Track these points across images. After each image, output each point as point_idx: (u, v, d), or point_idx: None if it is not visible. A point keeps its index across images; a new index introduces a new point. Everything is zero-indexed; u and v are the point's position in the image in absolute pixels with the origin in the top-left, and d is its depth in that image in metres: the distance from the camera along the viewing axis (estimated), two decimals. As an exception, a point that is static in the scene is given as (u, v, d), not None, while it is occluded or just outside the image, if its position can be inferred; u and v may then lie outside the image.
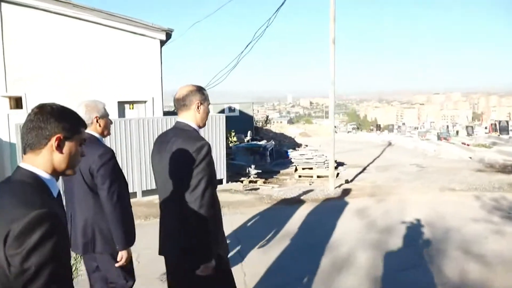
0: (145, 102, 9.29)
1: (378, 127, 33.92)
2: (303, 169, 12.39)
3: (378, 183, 9.37)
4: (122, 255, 2.58)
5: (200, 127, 2.32)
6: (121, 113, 9.11)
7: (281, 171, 12.99)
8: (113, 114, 8.67)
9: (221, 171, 9.00)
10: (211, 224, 2.15)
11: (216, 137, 8.91)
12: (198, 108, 2.27)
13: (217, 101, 19.06)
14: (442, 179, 9.47)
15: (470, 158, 13.49)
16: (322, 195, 8.01)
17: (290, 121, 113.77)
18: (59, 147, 1.36)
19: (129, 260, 2.66)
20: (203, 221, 2.10)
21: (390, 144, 21.12)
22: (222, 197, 7.67)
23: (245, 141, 13.83)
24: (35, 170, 1.33)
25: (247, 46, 9.32)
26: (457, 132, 23.74)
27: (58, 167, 1.37)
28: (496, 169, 10.90)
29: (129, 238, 2.60)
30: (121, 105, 9.07)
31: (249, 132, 13.84)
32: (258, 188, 9.47)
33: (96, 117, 2.65)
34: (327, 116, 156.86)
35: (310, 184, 10.21)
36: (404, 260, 4.57)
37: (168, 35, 9.37)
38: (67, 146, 1.39)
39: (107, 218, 2.52)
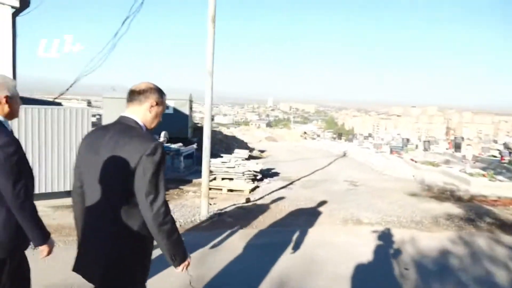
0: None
1: (339, 136, 32.50)
2: (222, 179, 10.66)
3: (279, 205, 7.48)
4: (43, 250, 2.22)
5: (147, 129, 2.05)
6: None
7: (195, 181, 11.06)
8: None
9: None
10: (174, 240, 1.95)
11: (79, 136, 6.83)
12: (151, 107, 2.06)
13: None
14: (359, 205, 7.65)
15: (413, 177, 11.84)
16: (185, 221, 6.04)
17: (269, 124, 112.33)
18: None
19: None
20: (167, 238, 1.90)
21: (344, 155, 19.78)
22: (59, 215, 5.60)
23: (157, 142, 11.81)
24: None
25: (123, 23, 7.35)
26: (416, 146, 22.27)
27: None
28: (432, 193, 9.17)
29: (46, 231, 2.23)
30: None
31: (163, 133, 11.81)
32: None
33: (6, 96, 2.17)
34: (305, 122, 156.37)
35: (211, 204, 8.31)
36: None
37: (24, 2, 7.33)
38: None
39: (17, 218, 2.11)
